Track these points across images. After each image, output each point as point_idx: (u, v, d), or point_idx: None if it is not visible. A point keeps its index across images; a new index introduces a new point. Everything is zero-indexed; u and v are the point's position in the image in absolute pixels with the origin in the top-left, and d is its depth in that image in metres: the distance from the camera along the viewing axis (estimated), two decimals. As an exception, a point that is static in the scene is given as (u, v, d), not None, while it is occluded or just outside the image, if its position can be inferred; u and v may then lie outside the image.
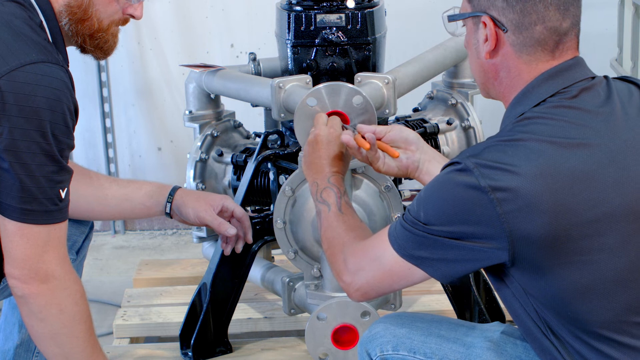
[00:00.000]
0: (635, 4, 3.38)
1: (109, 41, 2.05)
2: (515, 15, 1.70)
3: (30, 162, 1.85)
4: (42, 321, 1.96)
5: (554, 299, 1.66)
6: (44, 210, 1.89)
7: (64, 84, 1.88)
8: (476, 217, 1.63)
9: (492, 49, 1.74)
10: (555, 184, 1.61)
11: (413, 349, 1.82)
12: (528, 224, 1.60)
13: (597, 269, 1.64)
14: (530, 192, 1.60)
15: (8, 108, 1.82)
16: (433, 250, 1.69)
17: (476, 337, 1.81)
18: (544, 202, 1.60)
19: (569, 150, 1.63)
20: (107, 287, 3.57)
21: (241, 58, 3.99)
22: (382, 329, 1.87)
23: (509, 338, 1.81)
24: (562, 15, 1.71)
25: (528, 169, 1.61)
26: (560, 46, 1.72)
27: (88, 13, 1.99)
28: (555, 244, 1.62)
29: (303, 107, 2.32)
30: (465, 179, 1.64)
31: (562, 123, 1.66)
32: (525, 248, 1.62)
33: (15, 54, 1.85)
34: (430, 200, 1.69)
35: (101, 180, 2.37)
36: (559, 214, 1.61)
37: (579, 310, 1.66)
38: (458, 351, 1.79)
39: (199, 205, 2.38)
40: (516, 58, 1.73)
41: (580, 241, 1.62)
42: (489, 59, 1.76)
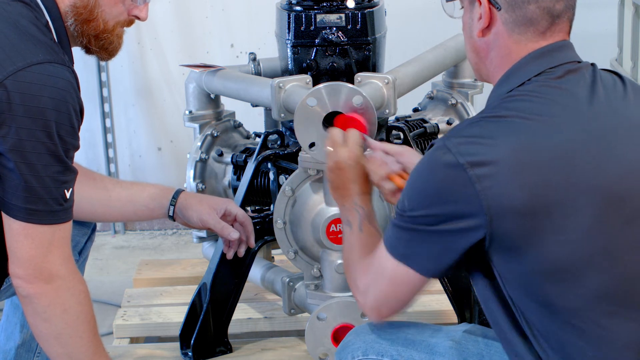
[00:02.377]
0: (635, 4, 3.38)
1: (114, 42, 2.05)
2: None
3: (35, 162, 1.85)
4: (46, 321, 1.96)
5: (527, 281, 1.66)
6: (49, 210, 1.89)
7: (70, 85, 1.88)
8: (455, 196, 1.63)
9: (485, 27, 1.74)
10: (536, 159, 1.61)
11: (381, 352, 1.84)
12: (506, 198, 1.61)
13: (571, 249, 1.63)
14: (509, 165, 1.61)
15: (14, 108, 1.82)
16: (417, 242, 1.69)
17: (440, 337, 1.84)
18: (524, 177, 1.61)
19: (551, 128, 1.64)
20: (107, 287, 3.57)
21: (241, 58, 3.99)
22: (353, 337, 1.90)
23: (470, 336, 1.84)
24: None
25: (508, 143, 1.62)
26: (552, 28, 1.72)
27: (94, 14, 2.00)
28: (533, 219, 1.61)
29: (303, 107, 2.33)
30: (443, 158, 1.64)
31: (545, 101, 1.67)
32: (503, 223, 1.62)
33: (21, 54, 1.85)
34: (412, 185, 1.70)
35: (105, 182, 2.38)
36: (538, 189, 1.61)
37: (550, 293, 1.65)
38: (423, 351, 1.82)
39: (202, 208, 2.38)
40: (507, 37, 1.73)
41: (556, 218, 1.62)
42: (481, 37, 1.76)
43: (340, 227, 2.46)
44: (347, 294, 2.51)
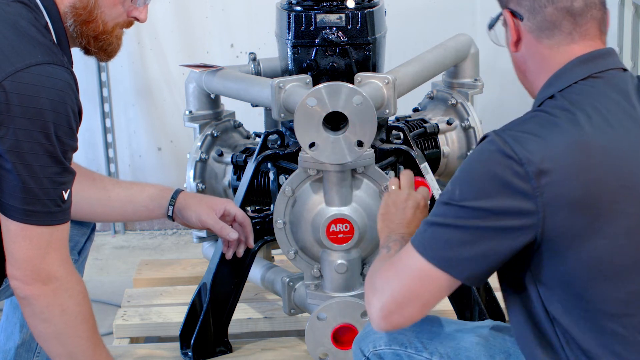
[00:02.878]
0: (635, 4, 3.38)
1: (113, 43, 2.05)
2: (528, 1, 1.73)
3: (33, 163, 1.85)
4: (45, 321, 1.96)
5: (569, 282, 1.65)
6: (47, 211, 1.89)
7: (69, 86, 1.88)
8: (512, 190, 1.61)
9: (515, 40, 1.77)
10: (590, 157, 1.62)
11: (404, 344, 1.83)
12: (561, 196, 1.60)
13: (616, 249, 1.64)
14: (565, 164, 1.61)
15: (12, 109, 1.82)
16: (458, 241, 1.64)
17: (466, 332, 1.84)
18: (579, 175, 1.61)
19: (603, 127, 1.65)
20: (107, 287, 3.57)
21: (241, 58, 3.99)
22: None
23: (497, 333, 1.83)
24: None
25: (563, 141, 1.63)
26: (577, 28, 1.73)
27: (93, 15, 1.99)
28: (583, 217, 1.62)
29: (303, 107, 2.33)
30: (502, 150, 1.63)
31: (595, 101, 1.68)
32: (555, 221, 1.61)
33: (20, 55, 1.85)
34: (465, 174, 1.67)
35: (104, 182, 2.38)
36: (591, 188, 1.61)
37: (588, 294, 1.65)
38: (448, 345, 1.81)
39: (201, 208, 2.38)
40: (537, 44, 1.75)
41: (605, 217, 1.62)
42: (515, 52, 1.78)
43: (340, 227, 2.47)
44: (347, 294, 2.51)
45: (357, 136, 2.35)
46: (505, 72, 3.86)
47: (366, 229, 2.50)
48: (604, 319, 1.66)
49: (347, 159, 2.37)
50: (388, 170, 2.58)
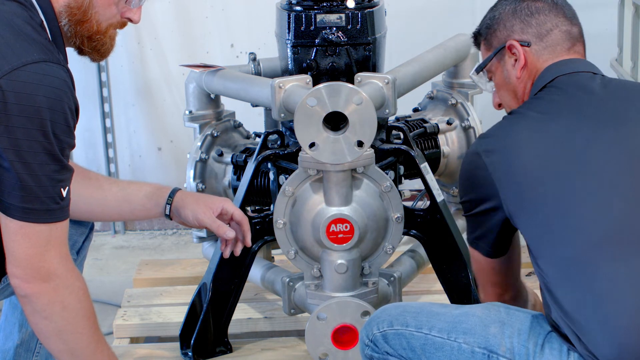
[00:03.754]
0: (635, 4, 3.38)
1: (106, 44, 2.06)
2: (533, 28, 2.00)
3: (31, 161, 1.85)
4: (46, 319, 1.96)
5: (537, 245, 1.87)
6: (46, 209, 1.89)
7: (65, 84, 1.88)
8: (477, 180, 1.93)
9: (523, 65, 2.01)
10: (539, 139, 1.88)
11: (406, 323, 1.96)
12: (510, 168, 1.88)
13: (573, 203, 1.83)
14: (516, 145, 1.88)
15: (9, 107, 1.82)
16: (471, 228, 2.01)
17: (463, 308, 1.97)
18: (527, 150, 1.87)
19: (551, 120, 1.89)
20: (107, 287, 3.57)
21: (241, 58, 3.99)
22: (380, 312, 2.03)
23: (492, 306, 1.95)
24: (570, 22, 2.02)
25: (519, 130, 1.91)
26: (573, 48, 2.01)
27: (87, 15, 2.00)
28: (530, 181, 1.87)
29: (303, 107, 2.33)
30: (471, 151, 1.97)
31: (555, 97, 1.93)
32: (509, 192, 1.88)
33: (16, 53, 1.85)
34: (459, 179, 2.02)
35: (101, 181, 2.37)
36: (536, 158, 1.87)
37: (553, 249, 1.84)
38: (445, 321, 1.94)
39: (198, 207, 2.38)
40: (537, 61, 2.00)
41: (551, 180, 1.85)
42: (519, 78, 2.03)
43: (340, 227, 2.47)
44: (347, 294, 2.51)
45: (357, 136, 2.35)
46: (505, 72, 3.87)
47: (366, 229, 2.50)
48: (571, 267, 1.81)
49: (347, 159, 2.37)
50: (388, 170, 2.58)
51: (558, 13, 2.01)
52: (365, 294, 2.54)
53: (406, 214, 2.56)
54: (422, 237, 2.68)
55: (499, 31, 2.05)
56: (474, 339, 1.88)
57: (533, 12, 2.01)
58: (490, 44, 2.08)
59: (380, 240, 2.56)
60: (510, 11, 2.03)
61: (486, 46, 2.10)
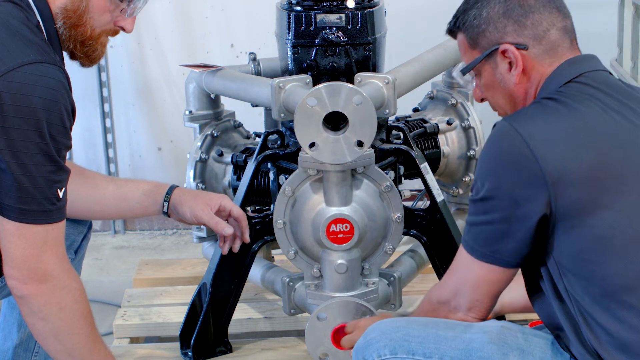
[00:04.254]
0: (635, 4, 3.38)
1: (98, 50, 2.07)
2: (528, 30, 1.84)
3: (28, 162, 1.85)
4: (43, 320, 1.96)
5: (581, 259, 1.71)
6: (42, 210, 1.89)
7: (61, 85, 1.88)
8: (520, 171, 1.71)
9: (522, 70, 1.85)
10: (591, 137, 1.72)
11: (412, 351, 1.80)
12: (566, 171, 1.69)
13: (621, 223, 1.70)
14: (567, 142, 1.71)
15: (5, 108, 1.82)
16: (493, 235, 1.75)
17: (475, 332, 1.80)
18: (581, 152, 1.70)
19: (600, 114, 1.75)
20: (107, 287, 3.57)
21: (241, 58, 3.99)
22: (378, 334, 1.84)
23: (508, 331, 1.80)
24: (564, 16, 1.87)
25: (565, 122, 1.73)
26: (573, 44, 1.87)
27: (82, 19, 2.00)
28: (591, 192, 1.70)
29: (303, 107, 2.32)
30: (508, 135, 1.73)
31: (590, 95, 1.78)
32: (564, 195, 1.69)
33: (12, 54, 1.85)
34: (482, 164, 1.78)
35: (98, 180, 2.37)
36: (594, 165, 1.70)
37: (602, 270, 1.70)
38: (457, 348, 1.78)
39: (196, 204, 2.38)
40: (540, 66, 1.85)
41: (608, 192, 1.70)
42: (518, 83, 1.87)
43: (340, 227, 2.47)
44: (347, 294, 2.51)
45: (357, 136, 2.35)
46: (505, 72, 3.87)
47: (366, 229, 2.50)
48: (620, 293, 1.70)
49: (347, 159, 2.37)
50: (388, 170, 2.58)
51: (552, 8, 1.84)
52: (365, 294, 2.54)
53: (406, 214, 2.56)
54: (422, 237, 2.68)
55: (488, 32, 1.86)
56: None
57: (527, 12, 1.83)
58: (477, 43, 1.89)
59: (380, 240, 2.56)
60: (501, 11, 1.84)
61: (470, 44, 1.91)
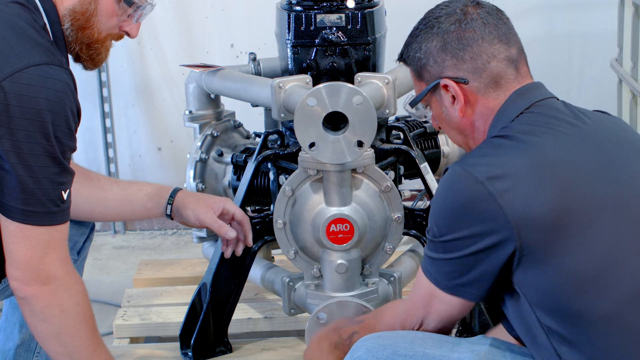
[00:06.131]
0: (635, 4, 3.38)
1: (102, 54, 2.08)
2: (467, 64, 1.78)
3: (32, 163, 1.85)
4: (45, 322, 1.96)
5: (555, 296, 1.67)
6: (46, 211, 1.89)
7: (67, 86, 1.88)
8: (481, 214, 1.67)
9: (464, 104, 1.80)
10: (551, 171, 1.67)
11: None
12: (529, 209, 1.65)
13: (592, 254, 1.66)
14: (527, 177, 1.66)
15: (11, 110, 1.82)
16: (457, 272, 1.73)
17: (463, 352, 1.78)
18: (543, 187, 1.65)
19: (557, 144, 1.71)
20: (107, 287, 3.57)
21: (241, 58, 3.99)
22: (364, 353, 1.80)
23: (497, 350, 1.78)
24: (506, 45, 1.80)
25: (523, 157, 1.68)
26: (520, 73, 1.80)
27: (90, 22, 2.01)
28: (556, 228, 1.65)
29: (303, 107, 2.33)
30: (463, 179, 1.69)
31: (543, 124, 1.74)
32: (529, 234, 1.65)
33: (18, 56, 1.85)
34: (437, 211, 1.75)
35: (102, 182, 2.38)
36: (558, 199, 1.65)
37: (575, 305, 1.67)
38: None
39: (200, 207, 2.38)
40: (485, 99, 1.80)
41: (576, 226, 1.66)
42: (463, 117, 1.82)
43: (340, 227, 2.47)
44: (347, 294, 2.51)
45: (357, 136, 2.35)
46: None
47: (366, 229, 2.50)
48: (596, 324, 1.67)
49: (347, 159, 2.37)
50: (388, 170, 2.58)
51: (492, 38, 1.78)
52: (365, 294, 2.54)
53: (406, 214, 2.56)
54: (422, 237, 2.68)
55: (429, 66, 1.82)
56: None
57: (465, 45, 1.78)
58: (421, 76, 1.85)
59: (380, 240, 2.56)
60: (439, 45, 1.81)
61: (416, 76, 1.87)
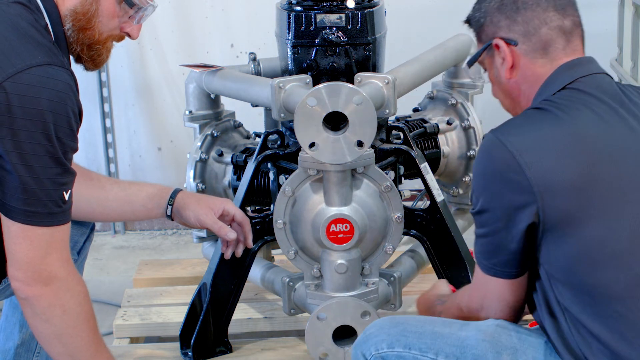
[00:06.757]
0: (635, 4, 3.38)
1: (103, 55, 2.08)
2: (519, 26, 1.84)
3: (34, 164, 1.85)
4: (46, 322, 1.96)
5: (574, 269, 1.73)
6: (48, 212, 1.89)
7: (69, 87, 1.88)
8: (510, 184, 1.73)
9: (511, 66, 1.86)
10: (579, 144, 1.73)
11: (408, 345, 1.85)
12: (554, 178, 1.71)
13: (612, 232, 1.71)
14: (555, 148, 1.72)
15: (13, 110, 1.83)
16: (493, 249, 1.79)
17: (470, 330, 1.84)
18: (569, 159, 1.72)
19: (591, 120, 1.76)
20: (107, 287, 3.57)
21: (241, 58, 3.99)
22: (376, 330, 1.90)
23: (503, 330, 1.84)
24: (561, 15, 1.85)
25: (552, 129, 1.74)
26: (569, 45, 1.85)
27: (91, 23, 2.01)
28: (580, 199, 1.71)
29: (303, 107, 2.33)
30: (496, 150, 1.75)
31: (581, 101, 1.79)
32: (553, 202, 1.71)
33: (20, 56, 1.85)
34: (474, 177, 1.81)
35: (102, 182, 2.38)
36: (583, 171, 1.71)
37: (592, 279, 1.71)
38: (453, 344, 1.83)
39: (200, 208, 2.38)
40: (532, 65, 1.85)
41: (599, 200, 1.71)
42: (509, 78, 1.88)
43: (340, 227, 2.47)
44: (347, 294, 2.51)
45: (357, 136, 2.35)
46: (505, 72, 3.86)
47: (366, 229, 2.50)
48: (610, 302, 1.71)
49: (347, 159, 2.37)
50: (388, 170, 2.58)
51: (547, 5, 1.83)
52: (365, 294, 2.54)
53: (406, 214, 2.56)
54: (422, 237, 2.68)
55: (486, 26, 1.89)
56: None
57: (519, 7, 1.84)
58: (479, 37, 1.92)
59: (380, 240, 2.56)
60: (496, 5, 1.86)
61: (476, 37, 1.94)
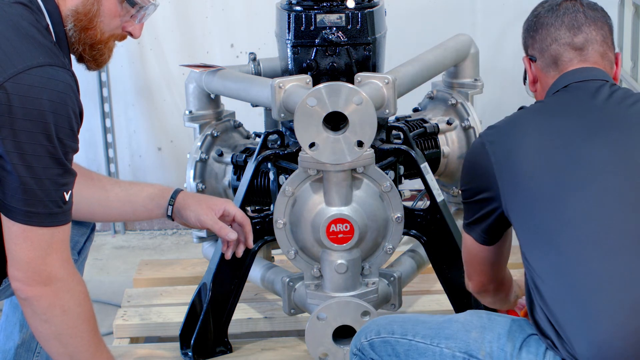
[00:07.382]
0: (635, 4, 3.38)
1: (105, 54, 2.08)
2: (537, 44, 2.07)
3: (35, 164, 1.85)
4: (46, 322, 1.96)
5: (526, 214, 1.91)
6: (48, 212, 1.89)
7: (70, 88, 1.88)
8: (479, 170, 1.97)
9: (532, 80, 2.09)
10: (538, 138, 1.92)
11: (392, 331, 2.01)
12: (513, 151, 1.92)
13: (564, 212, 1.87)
14: (513, 141, 1.93)
15: (14, 111, 1.82)
16: (468, 213, 2.04)
17: (449, 318, 2.01)
18: (528, 134, 1.93)
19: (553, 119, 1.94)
20: (107, 287, 3.57)
21: (241, 58, 3.99)
22: (369, 323, 2.08)
23: (477, 314, 1.99)
24: (573, 33, 2.03)
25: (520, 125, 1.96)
26: (580, 57, 2.03)
27: (93, 22, 2.01)
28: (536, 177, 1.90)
29: (303, 107, 2.33)
30: (477, 140, 2.02)
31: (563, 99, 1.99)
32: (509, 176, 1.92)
33: (21, 57, 1.85)
34: (463, 167, 2.07)
35: (103, 182, 2.38)
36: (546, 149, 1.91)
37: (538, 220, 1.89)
38: (430, 328, 1.99)
39: (200, 208, 2.38)
40: (546, 77, 2.06)
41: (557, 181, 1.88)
42: (534, 92, 2.11)
43: (340, 227, 2.47)
44: (347, 294, 2.51)
45: (357, 136, 2.35)
46: (505, 72, 3.86)
47: (366, 229, 2.50)
48: (553, 235, 1.86)
49: (347, 159, 2.37)
50: (388, 170, 2.58)
51: (560, 25, 2.04)
52: (365, 294, 2.54)
53: (406, 214, 2.57)
54: (422, 237, 2.68)
55: (524, 44, 2.14)
56: (456, 343, 1.93)
57: (537, 28, 2.07)
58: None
59: (380, 240, 2.56)
60: (526, 26, 2.11)
61: None
